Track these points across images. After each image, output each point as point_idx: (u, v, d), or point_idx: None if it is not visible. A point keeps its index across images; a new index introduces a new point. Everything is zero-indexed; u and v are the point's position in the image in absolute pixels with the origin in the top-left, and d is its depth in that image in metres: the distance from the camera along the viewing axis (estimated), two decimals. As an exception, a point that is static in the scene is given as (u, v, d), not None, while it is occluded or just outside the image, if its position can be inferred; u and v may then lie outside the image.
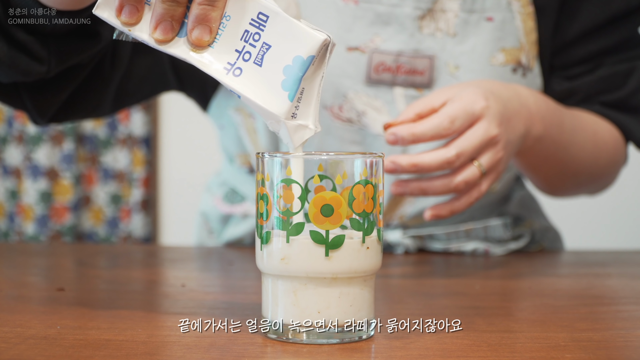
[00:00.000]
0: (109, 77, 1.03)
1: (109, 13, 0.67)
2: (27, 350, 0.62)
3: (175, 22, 0.66)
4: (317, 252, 0.64)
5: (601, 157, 1.13)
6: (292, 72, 0.64)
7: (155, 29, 0.66)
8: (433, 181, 0.92)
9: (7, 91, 0.97)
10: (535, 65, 1.10)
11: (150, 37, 0.67)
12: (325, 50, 0.65)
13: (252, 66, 0.65)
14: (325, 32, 0.65)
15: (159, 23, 0.66)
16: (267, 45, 0.65)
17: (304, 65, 0.64)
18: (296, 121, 0.66)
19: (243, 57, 0.66)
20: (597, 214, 2.66)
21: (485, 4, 1.06)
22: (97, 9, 0.67)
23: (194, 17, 0.66)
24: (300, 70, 0.64)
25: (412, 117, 0.91)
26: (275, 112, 0.65)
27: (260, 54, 0.65)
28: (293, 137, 0.66)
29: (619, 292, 0.96)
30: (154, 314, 0.76)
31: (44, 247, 1.81)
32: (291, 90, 0.65)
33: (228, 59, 0.66)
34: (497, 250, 1.16)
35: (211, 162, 1.84)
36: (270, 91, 0.65)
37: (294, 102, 0.65)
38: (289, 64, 0.64)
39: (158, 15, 0.66)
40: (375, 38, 1.05)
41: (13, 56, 0.88)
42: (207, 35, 0.66)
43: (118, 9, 0.66)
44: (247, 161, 1.19)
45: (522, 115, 0.96)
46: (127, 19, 0.67)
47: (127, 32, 0.67)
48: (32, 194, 2.92)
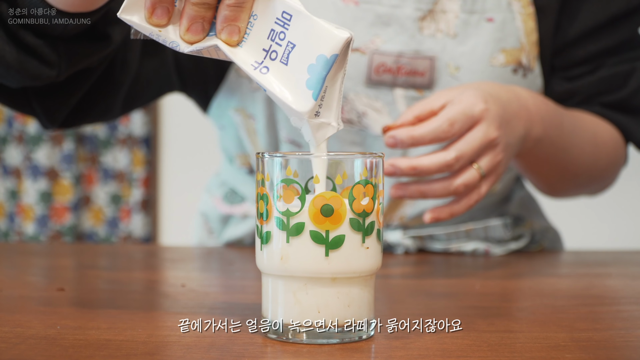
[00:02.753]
0: (120, 81, 1.03)
1: (138, 16, 0.67)
2: (27, 350, 0.62)
3: (206, 23, 0.67)
4: (317, 252, 0.64)
5: (601, 158, 1.13)
6: (316, 71, 0.65)
7: (187, 31, 0.66)
8: (432, 184, 0.92)
9: (16, 97, 0.96)
10: (536, 65, 1.09)
11: (178, 38, 0.67)
12: (347, 48, 0.65)
13: (279, 65, 0.66)
14: (347, 30, 0.65)
15: (191, 24, 0.66)
16: (292, 44, 0.65)
17: (327, 64, 0.64)
18: (319, 119, 0.66)
19: (270, 55, 0.66)
20: (597, 214, 2.66)
21: (486, 4, 1.06)
22: (124, 12, 0.67)
23: (222, 17, 0.66)
24: (324, 69, 0.64)
25: (411, 119, 0.91)
26: (299, 110, 0.65)
27: (286, 53, 0.65)
28: (316, 135, 0.66)
29: (619, 292, 0.96)
30: (154, 314, 0.76)
31: (44, 247, 1.81)
32: (315, 89, 0.65)
33: (256, 58, 0.66)
34: (497, 251, 1.16)
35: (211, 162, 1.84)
36: (295, 89, 0.65)
37: (318, 101, 0.65)
38: (313, 63, 0.65)
39: (189, 17, 0.66)
40: (376, 39, 1.05)
41: (22, 60, 0.87)
42: (236, 35, 0.66)
43: (150, 10, 0.66)
44: (247, 162, 1.19)
45: (522, 117, 0.96)
46: (159, 20, 0.67)
47: (157, 33, 0.67)
48: (32, 194, 2.92)
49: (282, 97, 0.66)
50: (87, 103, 1.01)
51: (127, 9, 0.67)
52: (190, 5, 0.66)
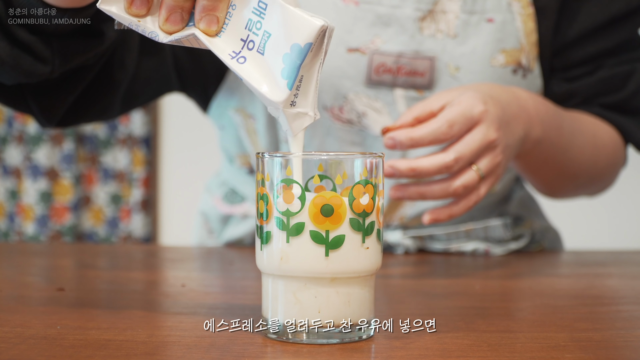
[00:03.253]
0: (118, 80, 1.03)
1: (117, 6, 0.67)
2: (27, 350, 0.62)
3: (185, 13, 0.67)
4: (317, 252, 0.64)
5: (600, 159, 1.13)
6: (290, 60, 0.64)
7: (166, 21, 0.67)
8: (432, 185, 0.92)
9: (13, 95, 0.96)
10: (536, 66, 1.10)
11: (157, 28, 0.67)
12: (323, 36, 0.65)
13: (256, 55, 0.66)
14: (322, 18, 0.64)
15: (170, 14, 0.66)
16: (268, 33, 0.65)
17: (301, 53, 0.64)
18: (295, 109, 0.66)
19: (247, 45, 0.66)
20: (597, 214, 2.66)
21: (486, 5, 1.06)
22: (103, 3, 0.67)
23: (201, 7, 0.66)
24: (298, 58, 0.64)
25: (411, 121, 0.91)
26: (274, 100, 0.65)
27: (262, 43, 0.65)
28: (292, 124, 0.66)
29: (619, 292, 0.96)
30: (154, 314, 0.76)
31: (44, 247, 1.81)
32: (290, 79, 0.65)
33: (233, 48, 0.67)
34: (497, 251, 1.16)
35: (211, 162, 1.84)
36: (271, 79, 0.65)
37: (293, 91, 0.65)
38: (288, 52, 0.64)
39: (168, 7, 0.66)
40: (376, 39, 1.05)
41: (16, 56, 0.87)
42: (215, 25, 0.66)
43: (129, 0, 0.67)
44: (247, 162, 1.19)
45: (521, 118, 0.96)
46: (138, 11, 0.67)
47: (136, 24, 0.67)
48: (32, 194, 2.92)
49: (258, 87, 0.66)
50: (84, 102, 1.01)
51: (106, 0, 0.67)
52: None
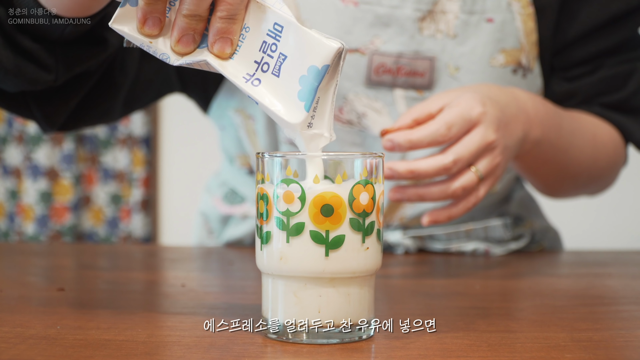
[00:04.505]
0: (119, 84, 1.03)
1: (126, 27, 0.67)
2: (27, 350, 0.62)
3: (197, 35, 0.67)
4: (317, 252, 0.64)
5: (600, 158, 1.13)
6: (307, 82, 0.64)
7: (178, 42, 0.66)
8: (430, 187, 0.92)
9: (15, 101, 0.96)
10: (536, 66, 1.09)
11: (169, 50, 0.67)
12: (339, 58, 0.65)
13: (271, 77, 0.66)
14: (339, 40, 0.65)
15: (182, 36, 0.66)
16: (284, 55, 0.65)
17: (319, 75, 0.64)
18: (312, 130, 0.66)
19: (262, 67, 0.66)
20: (597, 214, 2.66)
21: (486, 5, 1.06)
22: (115, 22, 0.67)
23: (215, 30, 0.66)
24: (315, 80, 0.64)
25: (409, 122, 0.91)
26: (292, 122, 0.65)
27: (277, 65, 0.65)
28: (308, 145, 0.67)
29: (619, 292, 0.96)
30: (154, 314, 0.76)
31: (44, 247, 1.81)
32: (307, 101, 0.65)
33: (247, 70, 0.66)
34: (498, 251, 1.16)
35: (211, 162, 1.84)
36: (287, 101, 0.65)
37: (310, 112, 0.65)
38: (305, 74, 0.64)
39: (180, 29, 0.66)
40: (375, 40, 1.05)
41: (19, 65, 0.87)
42: (229, 48, 0.66)
43: (142, 20, 0.66)
44: (247, 162, 1.19)
45: (520, 119, 0.96)
46: (150, 31, 0.67)
47: (148, 44, 0.67)
48: (32, 194, 2.92)
49: (274, 109, 0.66)
50: (86, 106, 1.01)
51: (118, 19, 0.67)
52: (181, 17, 0.66)
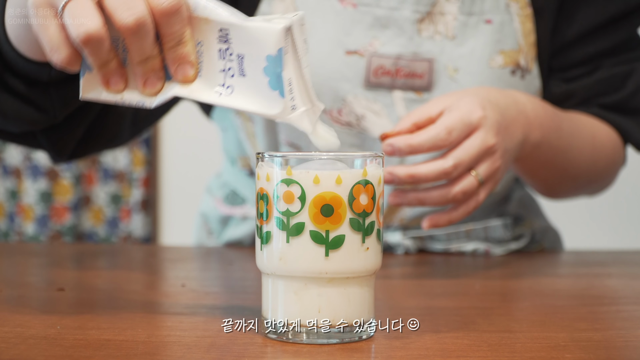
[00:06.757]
0: (125, 107, 1.03)
1: (96, 92, 0.68)
2: (27, 350, 0.62)
3: (159, 72, 0.67)
4: (317, 252, 0.64)
5: (600, 160, 1.13)
6: (271, 71, 0.64)
7: (145, 87, 0.68)
8: (430, 192, 0.92)
9: (23, 134, 0.97)
10: (534, 67, 1.09)
11: (140, 96, 0.68)
12: (290, 34, 0.64)
13: (240, 79, 0.66)
14: (284, 17, 0.64)
15: (145, 79, 0.67)
16: (241, 55, 0.65)
17: (278, 61, 0.64)
18: (298, 110, 0.66)
19: (228, 74, 0.66)
20: (597, 214, 2.66)
21: (484, 6, 1.06)
22: (84, 93, 0.69)
23: (171, 61, 0.67)
24: (277, 66, 0.64)
25: (409, 126, 0.91)
26: (274, 113, 0.65)
27: (239, 66, 0.65)
28: (303, 125, 0.66)
29: (619, 292, 0.96)
30: (154, 314, 0.76)
31: (44, 247, 1.81)
32: (279, 88, 0.65)
33: (217, 82, 0.67)
34: (497, 251, 1.16)
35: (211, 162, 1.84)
36: (263, 96, 0.65)
37: (287, 97, 0.65)
38: (266, 65, 0.64)
39: (141, 75, 0.67)
40: (374, 41, 1.05)
41: (18, 108, 0.88)
42: (191, 70, 0.67)
43: (105, 82, 0.68)
44: (248, 164, 1.20)
45: (520, 122, 0.96)
46: (117, 87, 0.68)
47: (121, 99, 0.68)
48: (32, 194, 2.92)
49: (254, 108, 0.66)
50: (94, 132, 1.01)
51: (86, 89, 0.69)
52: (135, 65, 0.67)
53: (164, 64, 0.68)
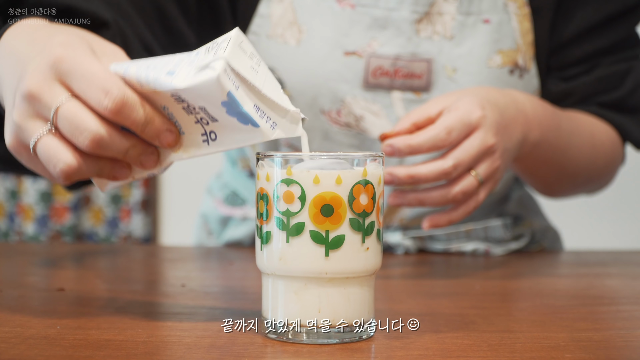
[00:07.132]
0: None
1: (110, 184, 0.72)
2: (27, 350, 0.62)
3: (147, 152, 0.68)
4: (317, 252, 0.64)
5: (599, 158, 1.13)
6: (234, 112, 0.64)
7: (143, 168, 0.69)
8: (430, 192, 0.92)
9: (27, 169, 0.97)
10: (532, 66, 1.09)
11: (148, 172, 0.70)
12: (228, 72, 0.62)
13: (215, 125, 0.66)
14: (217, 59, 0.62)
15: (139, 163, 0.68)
16: (202, 106, 0.65)
17: (233, 103, 0.63)
18: (279, 127, 0.66)
19: (203, 123, 0.66)
20: (597, 214, 2.66)
21: (482, 6, 1.06)
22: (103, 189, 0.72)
23: (150, 139, 0.67)
24: (235, 107, 0.63)
25: (409, 127, 0.91)
26: (262, 140, 0.65)
27: (207, 115, 0.65)
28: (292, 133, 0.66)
29: (619, 292, 0.96)
30: (154, 314, 0.76)
31: (44, 247, 1.81)
32: (251, 121, 0.64)
33: (200, 132, 0.67)
34: (497, 251, 1.16)
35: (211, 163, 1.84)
36: (242, 131, 0.65)
37: (263, 122, 0.64)
38: (226, 109, 0.64)
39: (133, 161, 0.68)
40: (373, 42, 1.05)
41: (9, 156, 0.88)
42: (171, 136, 0.67)
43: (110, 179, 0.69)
44: (248, 165, 1.20)
45: (519, 122, 0.96)
46: (123, 177, 0.69)
47: (131, 179, 0.71)
48: (32, 194, 2.92)
49: (243, 143, 0.66)
50: None
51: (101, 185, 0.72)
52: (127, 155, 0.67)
53: None
